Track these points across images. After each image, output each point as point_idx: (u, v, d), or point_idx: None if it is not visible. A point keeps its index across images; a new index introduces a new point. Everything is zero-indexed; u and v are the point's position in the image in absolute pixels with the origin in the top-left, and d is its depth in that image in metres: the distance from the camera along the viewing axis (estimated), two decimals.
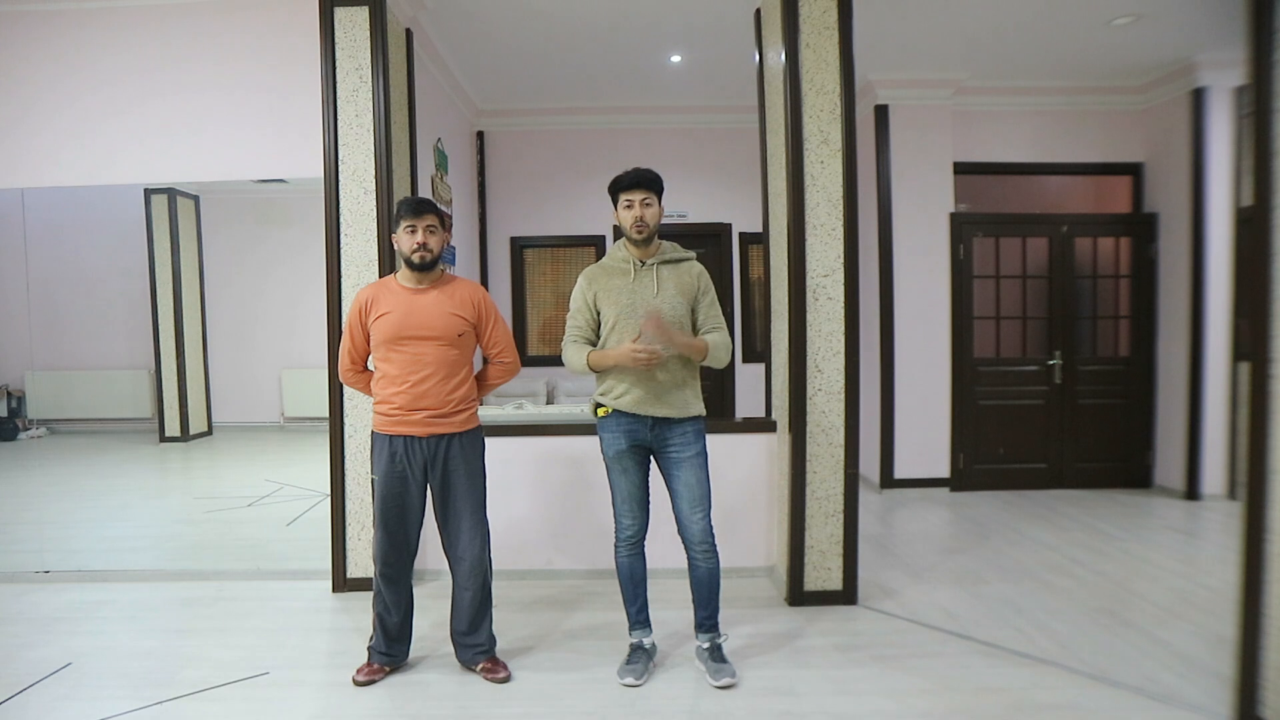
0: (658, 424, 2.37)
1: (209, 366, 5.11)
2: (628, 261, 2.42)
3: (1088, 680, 2.35)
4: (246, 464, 5.26)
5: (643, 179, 2.37)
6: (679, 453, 2.38)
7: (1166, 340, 4.83)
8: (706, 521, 2.39)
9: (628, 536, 2.44)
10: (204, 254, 5.06)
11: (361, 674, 2.41)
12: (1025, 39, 4.18)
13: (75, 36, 3.38)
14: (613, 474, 2.44)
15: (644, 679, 2.37)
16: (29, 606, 3.06)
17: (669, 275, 2.41)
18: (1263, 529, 1.91)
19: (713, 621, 2.44)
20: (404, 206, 2.36)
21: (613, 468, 2.43)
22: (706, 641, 2.43)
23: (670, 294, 2.38)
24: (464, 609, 2.44)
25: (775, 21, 3.06)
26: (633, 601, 2.46)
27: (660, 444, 2.39)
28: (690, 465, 2.38)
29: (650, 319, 2.28)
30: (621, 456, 2.40)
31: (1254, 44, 1.92)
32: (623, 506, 2.44)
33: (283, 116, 3.33)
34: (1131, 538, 3.86)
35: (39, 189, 3.49)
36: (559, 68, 4.64)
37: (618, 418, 2.39)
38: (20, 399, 5.95)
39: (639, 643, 2.46)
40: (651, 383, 2.35)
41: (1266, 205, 1.90)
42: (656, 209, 2.38)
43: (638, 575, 2.46)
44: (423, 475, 2.39)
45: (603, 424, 2.43)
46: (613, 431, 2.40)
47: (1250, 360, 1.96)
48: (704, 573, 2.41)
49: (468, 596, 2.43)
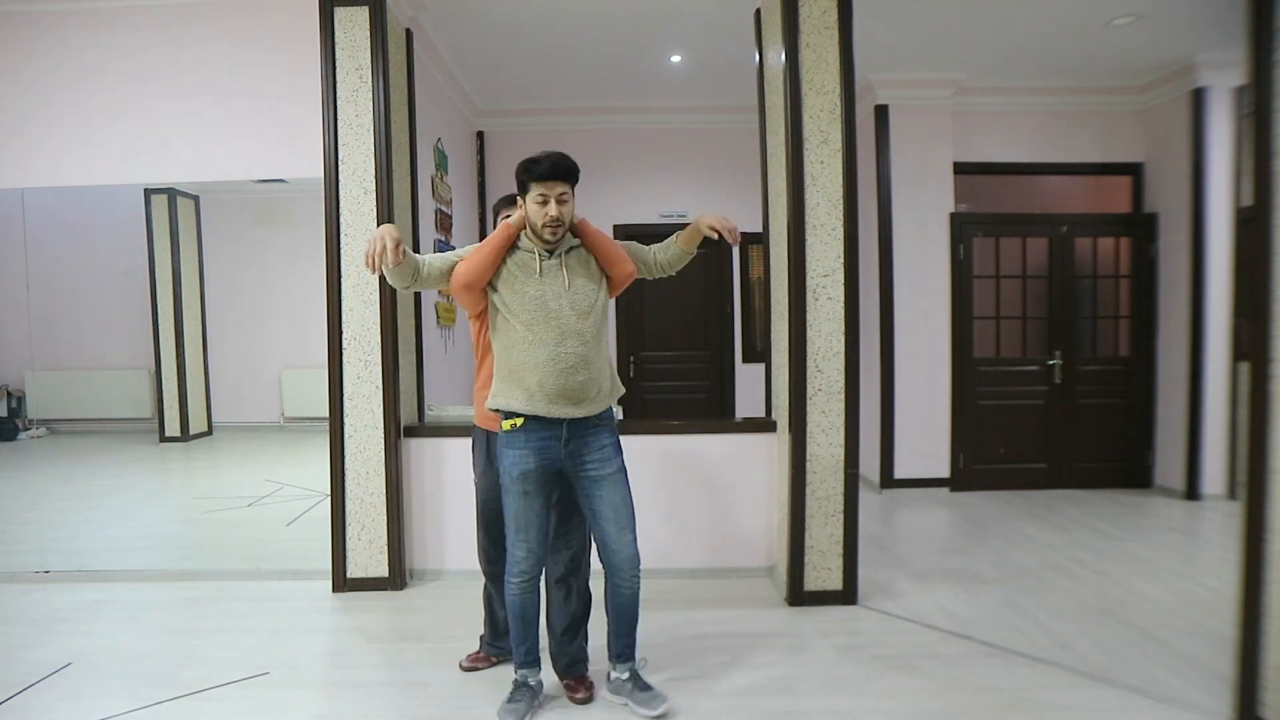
0: (574, 432, 2.10)
1: (209, 366, 5.12)
2: (532, 255, 2.11)
3: (1088, 680, 2.35)
4: (246, 464, 5.27)
5: (561, 168, 2.05)
6: (599, 469, 2.12)
7: (1166, 340, 4.83)
8: (636, 544, 2.17)
9: (522, 570, 2.13)
10: (204, 254, 5.06)
11: (466, 660, 2.48)
12: (1025, 39, 4.18)
13: (75, 37, 3.38)
14: (509, 496, 2.12)
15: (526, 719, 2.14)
16: (29, 606, 3.06)
17: (575, 263, 2.14)
18: (1263, 529, 1.91)
19: (632, 649, 2.24)
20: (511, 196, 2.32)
21: (510, 490, 2.11)
22: (626, 672, 2.22)
23: (581, 284, 2.12)
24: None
25: (775, 21, 3.06)
26: (523, 641, 2.18)
27: (576, 460, 2.12)
28: (613, 482, 2.13)
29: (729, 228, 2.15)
30: (525, 477, 2.09)
31: (1254, 44, 1.92)
32: (517, 536, 2.13)
33: (283, 116, 3.33)
34: (1131, 538, 3.86)
35: (39, 189, 3.49)
36: (559, 68, 4.64)
37: (527, 431, 2.08)
38: (20, 399, 5.95)
39: (524, 680, 2.20)
40: (568, 375, 2.05)
41: (1266, 205, 1.89)
42: (572, 205, 2.11)
43: (530, 613, 2.17)
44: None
45: (506, 439, 2.10)
46: (519, 448, 2.08)
47: (1250, 360, 1.96)
48: (628, 599, 2.19)
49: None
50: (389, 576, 3.21)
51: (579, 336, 2.08)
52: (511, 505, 2.12)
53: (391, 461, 3.19)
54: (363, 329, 3.19)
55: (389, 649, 2.66)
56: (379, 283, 3.17)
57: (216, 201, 5.17)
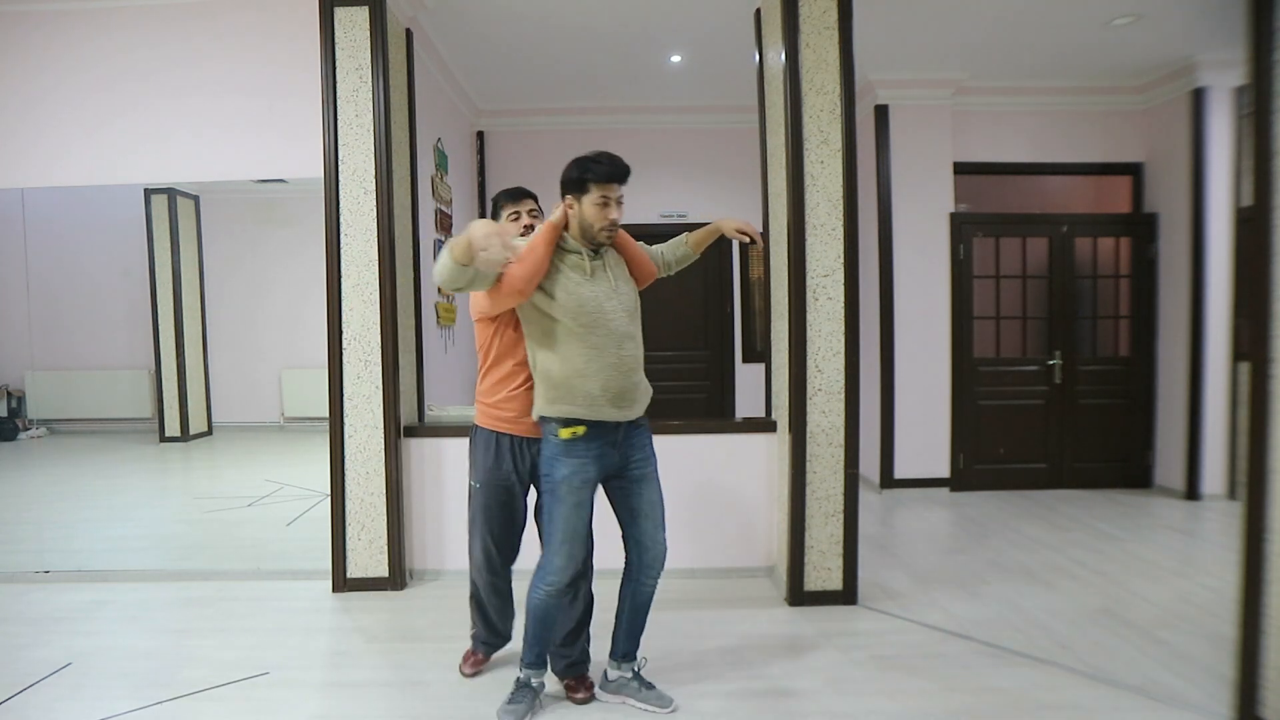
0: (626, 434, 2.06)
1: (209, 366, 5.11)
2: (580, 256, 2.04)
3: (1088, 680, 2.35)
4: (246, 464, 5.26)
5: (623, 170, 2.00)
6: (642, 469, 2.09)
7: (1166, 340, 4.83)
8: (666, 542, 2.18)
9: (557, 580, 2.07)
10: (204, 254, 5.06)
11: (466, 666, 2.45)
12: (1025, 39, 4.18)
13: (76, 36, 3.38)
14: (561, 505, 2.01)
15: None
16: (29, 606, 3.06)
17: (614, 264, 2.10)
18: (1263, 529, 1.91)
19: (636, 648, 2.25)
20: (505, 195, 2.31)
21: (565, 499, 2.01)
22: (629, 671, 2.22)
23: (623, 286, 2.09)
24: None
25: (775, 21, 3.06)
26: (537, 643, 2.15)
27: (626, 461, 2.08)
28: (652, 479, 2.11)
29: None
30: (585, 485, 2.02)
31: (1254, 44, 1.92)
32: (561, 546, 2.05)
33: (283, 116, 3.33)
34: (1131, 538, 3.86)
35: (39, 189, 3.49)
36: (559, 68, 4.64)
37: (588, 439, 2.01)
38: (20, 399, 5.95)
39: (528, 680, 2.17)
40: (628, 377, 2.01)
41: (1266, 205, 1.89)
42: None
43: (553, 619, 2.14)
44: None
45: (566, 448, 2.00)
46: (580, 457, 2.00)
47: (1250, 360, 1.96)
48: (648, 597, 2.19)
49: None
50: (389, 576, 3.21)
51: (632, 339, 2.07)
52: (562, 514, 2.03)
53: (391, 461, 3.19)
54: (363, 329, 3.19)
55: (389, 649, 2.66)
56: (379, 283, 3.17)
57: (216, 201, 5.17)
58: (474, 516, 2.31)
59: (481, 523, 2.29)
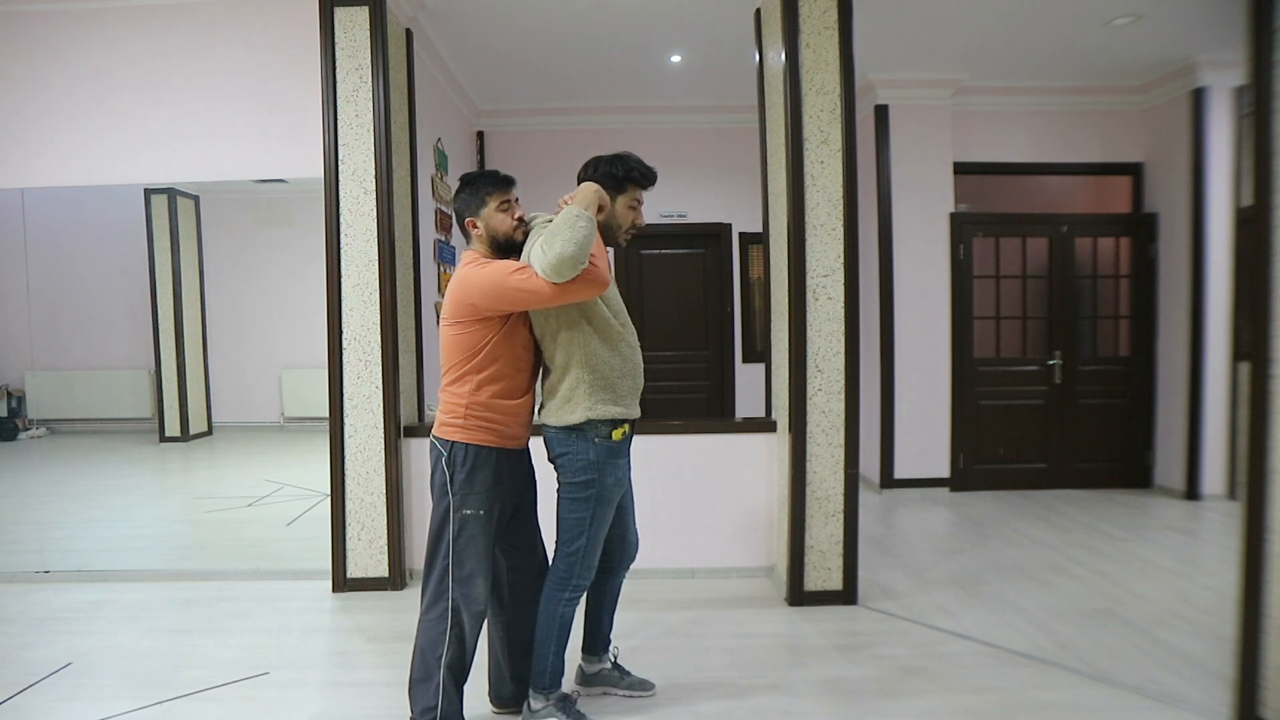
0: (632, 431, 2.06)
1: (209, 366, 5.12)
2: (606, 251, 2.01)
3: (1088, 680, 2.35)
4: (246, 464, 5.27)
5: (655, 181, 2.06)
6: (629, 464, 2.10)
7: (1166, 340, 4.83)
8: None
9: (583, 585, 2.02)
10: (204, 254, 5.06)
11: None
12: (1025, 39, 4.18)
13: (75, 36, 3.38)
14: (603, 511, 1.96)
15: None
16: (29, 606, 3.06)
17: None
18: (1263, 529, 1.91)
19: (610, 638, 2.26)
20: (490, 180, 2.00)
21: (610, 502, 1.96)
22: (609, 661, 2.25)
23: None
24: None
25: (775, 21, 3.06)
26: (558, 658, 2.04)
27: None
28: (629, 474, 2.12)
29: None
30: (619, 485, 1.99)
31: (1254, 44, 1.92)
32: (591, 553, 2.00)
33: (282, 116, 3.33)
34: (1131, 538, 3.86)
35: (39, 189, 3.49)
36: (559, 68, 4.64)
37: (626, 439, 1.99)
38: (20, 399, 5.95)
39: (559, 701, 2.05)
40: (642, 374, 2.02)
41: (1266, 205, 1.89)
42: None
43: (570, 628, 2.07)
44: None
45: (614, 450, 1.94)
46: (623, 457, 1.98)
47: (1250, 360, 1.96)
48: (621, 585, 2.24)
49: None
50: (389, 576, 3.21)
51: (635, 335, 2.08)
52: (600, 521, 1.96)
53: (391, 461, 3.19)
54: (363, 329, 3.19)
55: (389, 649, 2.65)
56: (379, 283, 3.17)
57: (216, 201, 5.17)
58: (462, 550, 1.90)
59: (481, 555, 1.94)
